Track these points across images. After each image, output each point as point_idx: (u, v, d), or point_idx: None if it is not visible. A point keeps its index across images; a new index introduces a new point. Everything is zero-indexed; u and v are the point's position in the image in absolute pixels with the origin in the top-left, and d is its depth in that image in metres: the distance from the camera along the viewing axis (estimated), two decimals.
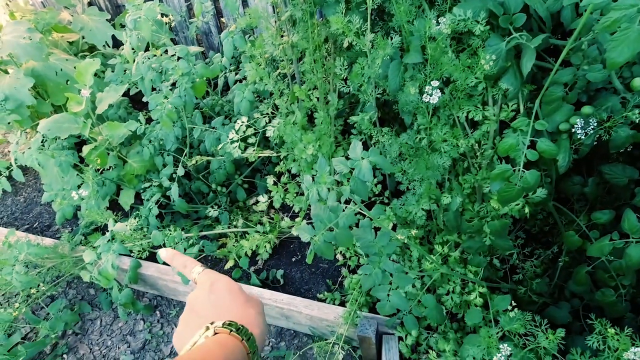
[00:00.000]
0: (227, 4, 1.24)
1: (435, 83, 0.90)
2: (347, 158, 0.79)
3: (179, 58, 1.33)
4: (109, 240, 1.30)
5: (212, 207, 1.84)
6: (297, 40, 1.33)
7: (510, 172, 0.90)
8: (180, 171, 1.62)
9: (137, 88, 1.94)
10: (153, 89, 1.64)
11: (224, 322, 0.52)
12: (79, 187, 1.66)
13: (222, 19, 2.43)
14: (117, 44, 2.55)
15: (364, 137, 1.37)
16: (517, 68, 0.96)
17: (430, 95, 0.90)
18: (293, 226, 1.65)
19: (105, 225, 1.97)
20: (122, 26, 2.49)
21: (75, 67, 1.77)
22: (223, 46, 1.35)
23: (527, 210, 1.07)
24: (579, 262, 1.23)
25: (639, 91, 0.93)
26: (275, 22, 1.38)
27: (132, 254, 1.59)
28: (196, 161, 1.68)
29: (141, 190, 1.80)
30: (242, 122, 1.42)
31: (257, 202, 1.62)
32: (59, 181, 1.74)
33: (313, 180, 0.83)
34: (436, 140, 1.02)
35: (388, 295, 0.85)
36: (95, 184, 1.68)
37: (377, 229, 0.94)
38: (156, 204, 1.66)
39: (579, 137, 0.96)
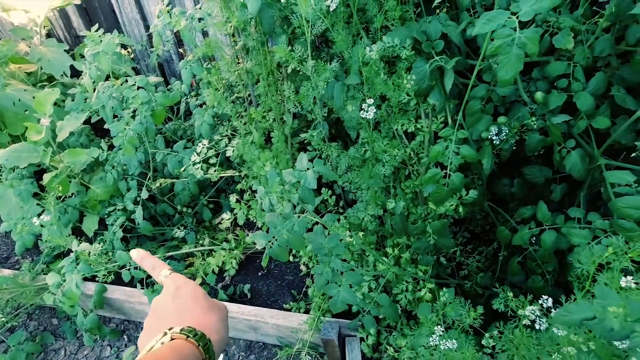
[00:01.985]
0: (183, 36, 1.33)
1: (370, 101, 1.03)
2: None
3: (139, 87, 1.40)
4: (72, 260, 1.31)
5: (178, 228, 1.88)
6: (251, 67, 1.44)
7: (440, 175, 1.03)
8: (144, 194, 1.67)
9: (99, 115, 1.98)
10: (114, 117, 1.69)
11: (182, 327, 0.52)
12: (39, 215, 1.66)
13: (182, 48, 2.51)
14: (76, 73, 2.57)
15: (318, 152, 1.48)
16: (442, 86, 1.11)
17: (367, 111, 1.02)
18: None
19: (68, 253, 1.95)
20: (82, 56, 2.52)
21: (34, 97, 1.80)
22: (182, 74, 1.44)
23: (461, 210, 1.20)
24: (514, 254, 1.37)
25: (541, 103, 1.10)
26: (231, 50, 1.49)
27: (97, 279, 1.59)
28: (160, 184, 1.72)
29: (105, 216, 1.81)
30: (204, 144, 1.50)
31: (222, 218, 1.69)
32: (17, 211, 1.73)
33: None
34: (378, 151, 1.15)
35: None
36: (57, 212, 1.69)
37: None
38: (121, 227, 1.68)
39: (496, 143, 1.11)
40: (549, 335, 0.76)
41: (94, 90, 1.57)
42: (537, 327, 0.76)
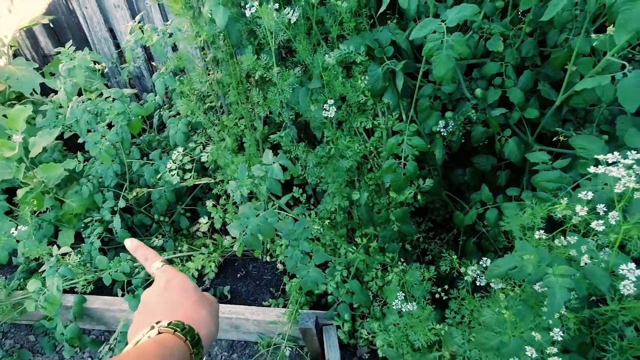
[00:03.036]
0: (155, 50, 1.42)
1: (331, 101, 1.14)
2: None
3: (114, 99, 1.47)
4: (53, 264, 1.34)
5: (156, 237, 1.92)
6: (222, 77, 1.54)
7: (396, 165, 1.15)
8: (122, 203, 1.71)
9: (72, 131, 2.01)
10: (88, 131, 1.73)
11: (170, 321, 0.52)
12: (16, 227, 1.67)
13: (152, 63, 2.58)
14: (45, 91, 2.59)
15: (288, 155, 1.58)
16: (394, 86, 1.24)
17: (328, 110, 1.14)
18: (235, 242, 1.79)
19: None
20: (52, 74, 2.54)
21: (4, 115, 1.82)
22: (155, 86, 1.52)
23: (420, 198, 1.32)
24: (471, 237, 1.51)
25: (481, 98, 1.25)
26: (202, 62, 1.58)
27: (75, 290, 1.61)
28: (137, 193, 1.77)
29: (81, 229, 1.84)
30: (179, 151, 1.57)
31: (199, 224, 1.75)
32: None
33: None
34: (341, 148, 1.26)
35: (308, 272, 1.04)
36: (32, 227, 1.70)
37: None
38: (98, 238, 1.72)
39: (445, 135, 1.25)
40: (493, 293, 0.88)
41: (68, 106, 1.62)
42: (477, 283, 0.88)
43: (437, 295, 1.09)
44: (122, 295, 1.61)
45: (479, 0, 1.33)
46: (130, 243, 0.66)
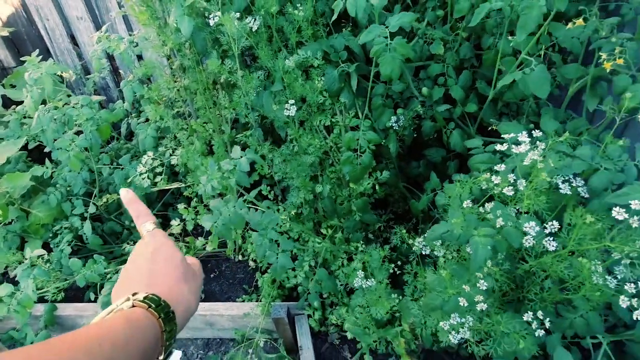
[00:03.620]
0: (123, 58, 1.48)
1: (292, 101, 1.25)
2: None
3: (82, 106, 1.51)
4: (27, 267, 1.35)
5: (127, 243, 1.93)
6: (189, 84, 1.61)
7: (354, 157, 1.27)
8: (92, 209, 1.73)
9: (37, 141, 2.00)
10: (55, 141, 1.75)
11: (147, 295, 0.50)
12: None
13: (120, 71, 2.61)
14: (5, 104, 2.54)
15: (257, 153, 1.66)
16: (350, 87, 1.36)
17: (289, 110, 1.24)
18: (207, 243, 1.84)
19: (12, 280, 1.92)
20: (12, 86, 2.51)
21: None
22: (124, 93, 1.57)
23: (378, 189, 1.44)
24: (427, 224, 1.64)
25: (428, 96, 1.40)
26: (169, 70, 1.65)
27: (45, 298, 1.61)
28: (107, 200, 1.80)
29: (49, 239, 1.83)
30: (149, 155, 1.62)
31: (170, 225, 1.79)
32: None
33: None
34: (304, 145, 1.36)
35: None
36: None
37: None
38: (68, 245, 1.72)
39: (397, 130, 1.38)
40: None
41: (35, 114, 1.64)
42: (422, 252, 1.00)
43: (391, 271, 1.20)
44: (95, 300, 1.62)
45: (423, 10, 1.49)
46: (125, 193, 0.62)
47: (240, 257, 1.93)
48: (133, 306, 0.49)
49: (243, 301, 1.76)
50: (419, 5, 1.49)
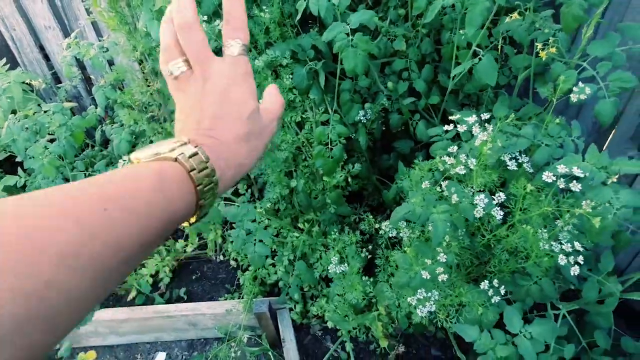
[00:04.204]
0: (93, 63, 1.49)
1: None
2: None
3: (54, 113, 1.51)
4: None
5: None
6: (162, 87, 1.63)
7: (325, 150, 1.32)
8: None
9: (7, 152, 1.98)
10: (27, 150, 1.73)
11: (196, 149, 0.38)
12: None
13: (91, 76, 2.59)
14: None
15: None
16: (318, 84, 1.42)
17: None
18: (187, 245, 1.86)
19: None
20: None
21: None
22: (96, 98, 1.58)
23: (351, 182, 1.50)
24: None
25: (393, 90, 1.46)
26: (141, 74, 1.67)
27: None
28: None
29: None
30: (124, 159, 1.63)
31: None
32: None
33: None
34: (276, 142, 1.41)
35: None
36: None
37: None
38: None
39: (366, 123, 1.44)
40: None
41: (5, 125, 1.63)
42: (390, 235, 1.06)
43: (367, 260, 1.26)
44: None
45: (386, 9, 1.56)
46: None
47: (221, 257, 1.96)
48: (176, 159, 0.37)
49: (225, 299, 1.78)
50: (382, 5, 1.56)
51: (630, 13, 1.22)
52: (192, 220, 0.41)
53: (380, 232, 1.12)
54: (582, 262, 0.75)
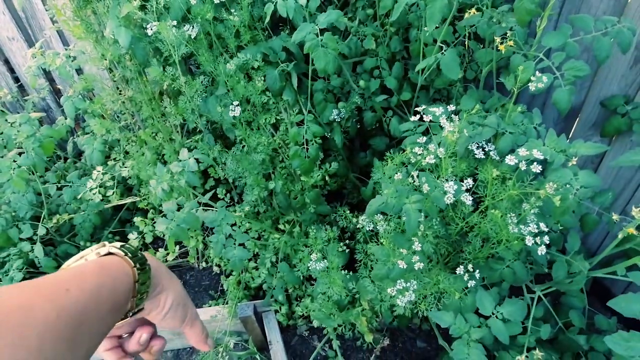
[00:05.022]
0: (60, 73, 1.46)
1: (236, 102, 1.29)
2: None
3: (20, 124, 1.47)
4: None
5: None
6: (133, 95, 1.61)
7: (301, 150, 1.33)
8: (42, 230, 1.67)
9: None
10: None
11: (123, 244, 0.48)
12: None
13: (61, 95, 2.53)
14: None
15: (208, 157, 1.69)
16: (291, 85, 1.43)
17: (234, 110, 1.28)
18: (168, 254, 1.83)
19: None
20: None
21: None
22: (65, 109, 1.54)
23: (329, 180, 1.51)
24: None
25: (365, 88, 1.49)
26: (111, 82, 1.64)
27: None
28: (58, 220, 1.74)
29: None
30: (98, 170, 1.60)
31: (128, 239, 1.77)
32: None
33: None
34: (252, 144, 1.41)
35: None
36: None
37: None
38: (20, 271, 1.66)
39: (340, 122, 1.46)
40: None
41: None
42: (367, 228, 1.08)
43: (341, 250, 1.28)
44: None
45: (354, 10, 1.59)
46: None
47: (204, 264, 1.93)
48: (109, 253, 0.46)
49: (210, 306, 1.76)
50: (351, 5, 1.58)
51: (586, 6, 1.28)
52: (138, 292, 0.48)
53: (359, 227, 1.13)
54: (548, 242, 0.78)
